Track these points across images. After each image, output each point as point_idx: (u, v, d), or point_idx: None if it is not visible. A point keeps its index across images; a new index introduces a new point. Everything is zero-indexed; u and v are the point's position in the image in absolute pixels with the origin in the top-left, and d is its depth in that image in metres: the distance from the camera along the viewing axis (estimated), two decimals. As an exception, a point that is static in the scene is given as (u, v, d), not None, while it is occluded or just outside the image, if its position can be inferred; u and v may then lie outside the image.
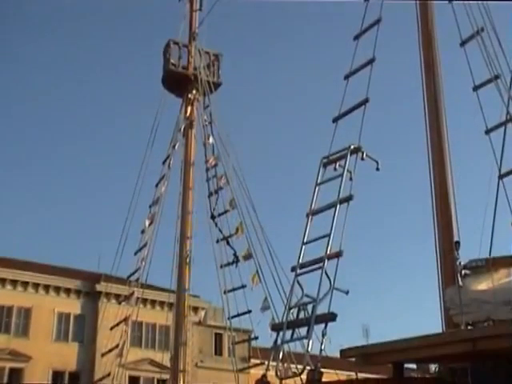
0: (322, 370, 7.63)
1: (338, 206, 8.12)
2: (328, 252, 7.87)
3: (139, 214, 18.96)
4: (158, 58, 20.30)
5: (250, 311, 16.31)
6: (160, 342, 53.68)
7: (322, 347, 7.60)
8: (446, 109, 10.38)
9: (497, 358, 7.59)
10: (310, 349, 7.70)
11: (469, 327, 8.36)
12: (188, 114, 19.24)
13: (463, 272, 8.96)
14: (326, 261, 7.82)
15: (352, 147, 8.53)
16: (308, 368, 7.68)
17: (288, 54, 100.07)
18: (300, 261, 8.25)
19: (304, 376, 7.74)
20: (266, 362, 8.23)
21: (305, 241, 8.35)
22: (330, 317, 7.61)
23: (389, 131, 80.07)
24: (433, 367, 9.61)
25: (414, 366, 11.07)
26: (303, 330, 7.93)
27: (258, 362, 17.06)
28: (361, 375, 12.34)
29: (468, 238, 9.59)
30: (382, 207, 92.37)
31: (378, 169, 8.68)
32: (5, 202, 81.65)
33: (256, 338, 16.87)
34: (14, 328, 50.91)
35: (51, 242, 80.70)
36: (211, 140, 18.20)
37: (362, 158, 8.50)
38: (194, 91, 19.40)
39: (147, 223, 18.63)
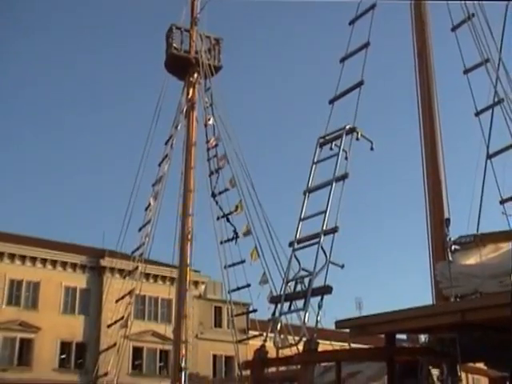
0: (318, 340, 7.68)
1: (334, 184, 8.14)
2: (324, 228, 7.91)
3: (143, 192, 19.02)
4: (160, 42, 20.27)
5: (249, 285, 16.40)
6: (162, 314, 53.97)
7: (318, 319, 7.66)
8: (438, 91, 10.38)
9: (484, 328, 7.66)
10: (306, 320, 7.74)
11: (457, 300, 8.42)
12: (190, 96, 19.23)
13: (453, 247, 9.00)
14: (323, 236, 7.86)
15: (347, 127, 8.54)
16: (304, 338, 7.73)
17: (287, 38, 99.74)
18: (297, 236, 8.28)
19: (301, 346, 7.79)
20: (265, 334, 8.28)
21: (302, 217, 8.38)
22: (326, 289, 7.66)
23: (383, 113, 79.97)
24: (422, 338, 9.67)
25: (404, 337, 11.16)
26: (300, 303, 7.98)
27: (256, 333, 17.18)
28: (354, 346, 12.44)
29: (457, 215, 9.63)
30: (377, 186, 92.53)
31: (372, 148, 8.70)
32: (12, 180, 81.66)
33: (255, 310, 16.93)
34: (24, 301, 51.16)
35: (57, 219, 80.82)
36: (212, 121, 18.19)
37: (357, 138, 8.52)
38: (196, 74, 19.38)
39: (151, 201, 18.66)
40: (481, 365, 10.00)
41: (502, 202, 10.11)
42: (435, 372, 8.82)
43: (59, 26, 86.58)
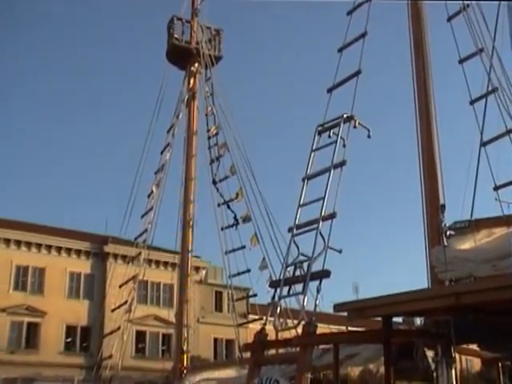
0: (316, 323, 7.71)
1: (332, 171, 8.15)
2: (322, 214, 7.92)
3: (145, 180, 19.02)
4: (162, 33, 20.21)
5: (249, 270, 16.40)
6: (164, 299, 54.12)
7: (317, 302, 7.68)
8: (434, 80, 10.38)
9: (477, 311, 7.68)
10: (305, 304, 7.77)
11: (452, 283, 8.44)
12: (191, 85, 19.21)
13: (448, 233, 9.02)
14: (321, 222, 7.87)
15: (345, 116, 8.54)
16: (303, 322, 7.76)
17: (286, 29, 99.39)
18: (296, 222, 8.30)
19: (300, 329, 7.82)
20: (264, 318, 8.30)
21: (301, 203, 8.40)
22: (325, 273, 7.68)
23: (380, 102, 79.76)
24: (418, 321, 9.70)
25: (400, 320, 11.20)
26: (299, 287, 8.00)
27: (256, 317, 17.23)
28: (351, 329, 12.50)
29: (452, 201, 9.65)
30: (374, 173, 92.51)
31: (369, 136, 8.70)
32: (18, 168, 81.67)
33: (255, 295, 16.95)
34: (30, 286, 51.34)
35: (62, 207, 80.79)
36: (212, 110, 18.19)
37: (355, 126, 8.52)
38: (196, 64, 19.34)
39: (153, 188, 18.67)
40: (474, 346, 10.05)
41: (496, 188, 10.13)
42: (430, 354, 8.87)
43: (59, 18, 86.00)
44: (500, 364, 10.15)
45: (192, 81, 19.30)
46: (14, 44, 78.07)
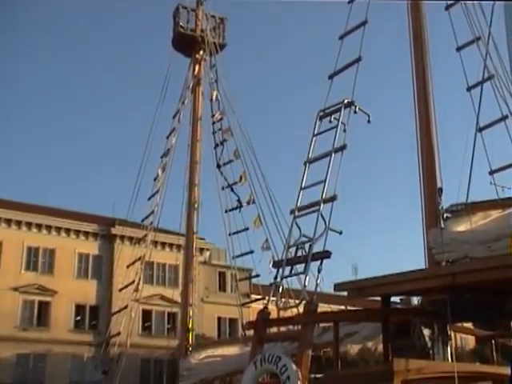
0: (317, 303, 7.72)
1: (333, 155, 8.13)
2: (324, 196, 7.91)
3: (152, 163, 19.02)
4: (168, 21, 20.12)
5: (252, 251, 16.43)
6: (169, 279, 54.27)
7: (318, 281, 7.69)
8: (432, 68, 10.35)
9: (472, 291, 7.70)
10: (306, 283, 7.77)
11: (449, 264, 8.45)
12: (196, 72, 19.16)
13: (445, 215, 9.02)
14: (322, 204, 7.86)
15: (346, 101, 8.51)
16: (305, 300, 7.77)
17: (289, 17, 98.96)
18: (298, 204, 8.29)
19: (301, 308, 7.83)
20: (267, 297, 8.30)
21: (302, 186, 8.39)
22: (325, 254, 7.68)
23: (381, 88, 79.47)
24: (415, 301, 9.72)
25: (398, 301, 11.23)
26: (301, 267, 7.99)
27: (259, 297, 17.26)
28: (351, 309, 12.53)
29: (449, 185, 9.64)
30: (374, 158, 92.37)
31: (369, 121, 8.67)
32: (30, 153, 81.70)
33: (258, 275, 17.01)
34: (41, 266, 51.56)
35: (71, 190, 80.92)
36: (217, 96, 18.15)
37: (355, 112, 8.49)
38: (201, 52, 19.29)
39: (159, 172, 18.67)
40: (469, 325, 10.09)
41: (491, 172, 10.15)
42: (427, 332, 8.90)
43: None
44: (493, 341, 10.20)
45: (197, 68, 19.26)
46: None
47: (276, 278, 8.28)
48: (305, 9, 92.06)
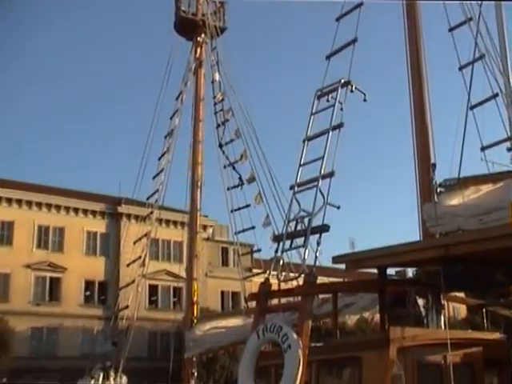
0: (316, 276, 7.73)
1: (331, 133, 8.11)
2: (322, 172, 7.90)
3: (156, 144, 19.02)
4: (169, 5, 19.97)
5: (253, 227, 16.42)
6: (174, 255, 54.49)
7: (317, 254, 7.69)
8: (426, 49, 10.32)
9: (465, 262, 7.74)
10: (306, 256, 7.78)
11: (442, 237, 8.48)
12: (197, 55, 19.06)
13: (438, 190, 9.04)
14: (320, 180, 7.85)
15: (342, 81, 8.46)
16: (304, 273, 7.79)
17: (289, 3, 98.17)
18: (297, 180, 8.28)
19: (301, 280, 7.85)
20: (268, 271, 8.32)
21: (301, 163, 8.37)
22: (324, 228, 7.69)
23: (376, 69, 79.11)
24: (410, 273, 9.76)
25: (393, 273, 11.27)
26: (300, 240, 8.00)
27: (260, 271, 17.31)
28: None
29: (442, 161, 9.65)
30: (371, 136, 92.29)
31: (365, 100, 8.63)
32: (39, 134, 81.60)
33: (259, 250, 17.01)
34: (51, 244, 51.81)
35: (78, 171, 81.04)
36: (218, 78, 18.07)
37: (352, 91, 8.44)
38: (203, 35, 19.16)
39: (164, 151, 18.66)
40: (461, 294, 10.15)
41: (483, 149, 10.15)
42: (421, 302, 8.96)
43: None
44: (484, 310, 10.28)
45: (199, 50, 19.14)
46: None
47: (277, 251, 8.28)
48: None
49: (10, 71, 76.82)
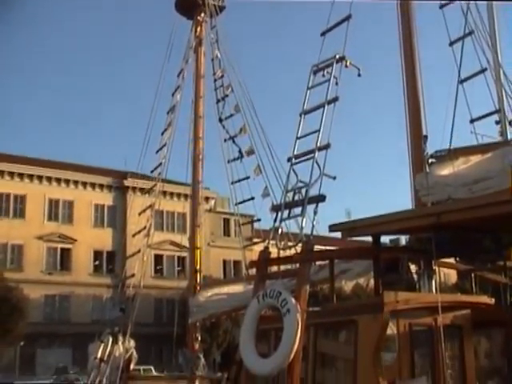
0: (314, 244, 7.74)
1: (326, 106, 8.05)
2: (318, 145, 7.86)
3: (159, 119, 18.95)
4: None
5: (253, 198, 16.38)
6: (178, 226, 54.68)
7: (314, 223, 7.70)
8: (417, 25, 10.23)
9: (455, 229, 7.73)
10: (303, 225, 7.78)
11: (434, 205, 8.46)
12: (198, 33, 18.88)
13: (429, 161, 9.00)
14: (317, 152, 7.82)
15: (337, 56, 8.38)
16: (302, 241, 7.79)
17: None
18: (295, 153, 8.25)
19: (299, 248, 7.86)
20: (267, 240, 8.33)
21: (298, 136, 8.33)
22: (320, 198, 7.68)
23: (369, 45, 78.57)
24: (403, 242, 9.74)
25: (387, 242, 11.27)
26: (298, 210, 7.99)
27: (260, 239, 17.33)
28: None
29: (434, 132, 9.62)
30: (365, 110, 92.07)
31: (359, 75, 8.56)
32: (48, 112, 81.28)
33: (259, 219, 16.96)
34: (62, 217, 52.01)
35: (86, 147, 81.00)
36: (218, 55, 17.92)
37: (346, 66, 8.36)
38: (203, 14, 18.95)
39: (166, 126, 18.57)
40: (451, 260, 10.15)
41: (472, 121, 10.12)
42: (413, 267, 8.97)
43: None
44: (473, 274, 10.30)
45: (199, 29, 18.96)
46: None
47: (275, 220, 8.28)
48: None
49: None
